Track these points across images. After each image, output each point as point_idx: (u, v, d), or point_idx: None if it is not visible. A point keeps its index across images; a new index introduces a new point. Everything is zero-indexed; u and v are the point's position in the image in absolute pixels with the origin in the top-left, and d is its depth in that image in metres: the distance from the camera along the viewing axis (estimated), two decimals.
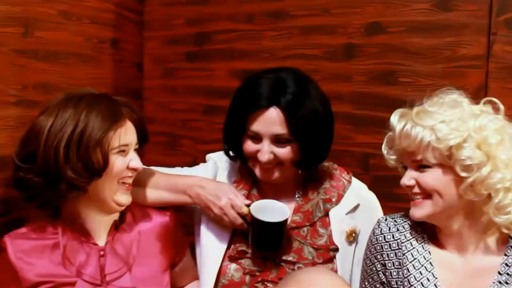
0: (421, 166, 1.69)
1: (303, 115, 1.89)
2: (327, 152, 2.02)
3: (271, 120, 1.87)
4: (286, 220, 1.91)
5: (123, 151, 1.83)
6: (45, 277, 1.82)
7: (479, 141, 1.62)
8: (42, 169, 1.78)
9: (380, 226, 1.85)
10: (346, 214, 2.04)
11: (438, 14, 2.42)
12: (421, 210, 1.71)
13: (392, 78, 2.51)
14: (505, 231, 1.68)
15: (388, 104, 2.18)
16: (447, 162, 1.64)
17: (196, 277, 2.13)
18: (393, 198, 2.21)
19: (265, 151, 1.87)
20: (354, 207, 2.04)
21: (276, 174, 1.94)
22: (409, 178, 1.73)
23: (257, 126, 1.89)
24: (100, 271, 1.86)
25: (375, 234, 1.85)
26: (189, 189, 2.02)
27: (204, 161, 2.23)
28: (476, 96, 1.99)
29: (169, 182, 2.06)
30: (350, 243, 1.99)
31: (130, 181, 1.88)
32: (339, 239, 1.99)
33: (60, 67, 2.60)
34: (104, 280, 1.85)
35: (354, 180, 2.14)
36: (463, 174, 1.61)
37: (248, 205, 1.92)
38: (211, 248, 2.05)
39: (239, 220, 1.93)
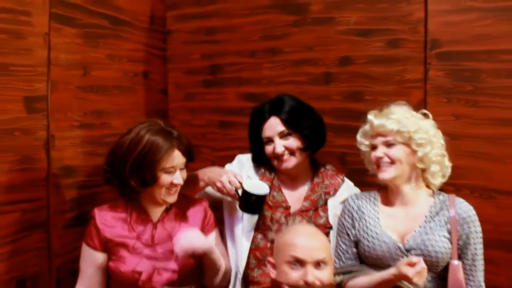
0: (389, 145, 2.33)
1: (294, 118, 2.52)
2: (323, 138, 2.62)
3: (274, 124, 2.51)
4: (266, 195, 2.45)
5: (170, 172, 2.32)
6: (116, 236, 2.36)
7: (425, 130, 2.32)
8: (117, 175, 2.35)
9: (348, 200, 2.51)
10: (340, 203, 2.57)
11: (390, 50, 2.94)
12: (389, 173, 2.33)
13: (360, 97, 3.01)
14: (434, 188, 2.38)
15: (358, 116, 2.56)
16: (407, 141, 2.31)
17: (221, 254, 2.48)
18: (364, 184, 2.71)
19: (278, 145, 2.48)
20: (345, 199, 2.56)
21: (291, 162, 2.51)
22: (381, 152, 2.34)
23: (267, 132, 2.52)
24: (151, 237, 2.37)
25: (345, 205, 2.50)
26: (204, 176, 2.59)
27: (221, 164, 2.76)
28: (418, 107, 2.61)
29: (197, 175, 2.61)
30: (338, 219, 2.52)
31: (174, 190, 2.36)
32: (333, 221, 2.54)
33: (108, 97, 3.07)
34: (153, 243, 2.36)
35: (346, 180, 2.68)
36: (416, 149, 2.30)
37: (241, 183, 2.45)
38: (245, 227, 2.56)
39: (233, 192, 2.45)
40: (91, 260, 2.38)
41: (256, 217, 2.54)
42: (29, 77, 2.54)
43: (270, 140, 2.52)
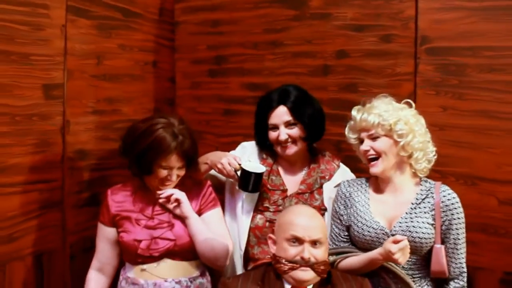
0: (373, 138, 2.44)
1: (301, 108, 2.64)
2: (322, 130, 2.74)
3: (282, 113, 2.64)
4: (262, 173, 2.60)
5: (168, 169, 2.47)
6: (123, 211, 2.54)
7: (405, 120, 2.42)
8: (126, 154, 2.53)
9: (340, 186, 2.63)
10: (334, 187, 2.69)
11: (383, 44, 3.05)
12: (378, 168, 2.44)
13: (354, 88, 3.12)
14: (420, 175, 2.50)
15: (352, 106, 2.60)
16: (389, 133, 2.41)
17: (215, 234, 2.55)
18: (358, 170, 2.81)
19: (282, 133, 2.62)
20: (338, 183, 2.68)
21: (293, 149, 2.66)
22: (366, 145, 2.45)
23: (274, 119, 2.65)
24: (152, 210, 2.54)
25: (337, 191, 2.62)
26: (207, 159, 2.74)
27: (224, 150, 2.88)
28: (408, 98, 2.65)
29: (201, 159, 2.74)
30: (332, 204, 2.63)
31: (167, 183, 2.51)
32: (328, 203, 2.68)
33: (120, 85, 3.21)
34: (153, 215, 2.53)
35: (342, 166, 2.81)
36: (398, 139, 2.41)
37: (240, 164, 2.60)
38: (245, 208, 2.70)
39: (232, 173, 2.61)
40: (103, 235, 2.56)
41: (255, 198, 2.69)
42: (47, 66, 2.70)
43: (276, 127, 2.66)
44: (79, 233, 2.94)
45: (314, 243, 2.20)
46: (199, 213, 2.60)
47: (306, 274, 2.18)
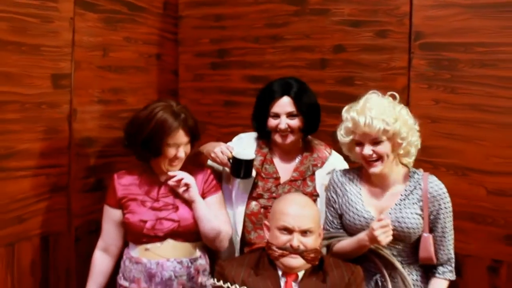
0: (376, 142, 2.44)
1: (303, 100, 2.74)
2: (318, 124, 2.83)
3: (285, 104, 2.74)
4: (252, 160, 2.71)
5: (175, 147, 2.59)
6: (129, 194, 2.66)
7: (404, 121, 2.46)
8: (132, 143, 2.64)
9: (333, 176, 2.71)
10: (326, 174, 2.79)
11: (378, 40, 3.13)
12: (378, 168, 2.47)
13: (350, 82, 3.20)
14: (406, 168, 2.57)
15: (348, 99, 2.63)
16: (391, 137, 2.43)
17: (224, 220, 2.71)
18: (351, 160, 2.74)
19: (283, 122, 2.71)
20: (331, 170, 2.78)
21: (290, 139, 2.75)
22: (369, 150, 2.45)
23: (276, 108, 2.74)
24: (157, 193, 2.66)
25: (331, 180, 2.71)
26: (203, 149, 2.89)
27: (225, 140, 2.95)
28: (402, 92, 2.87)
29: (200, 149, 2.90)
30: (326, 192, 2.74)
31: (176, 162, 2.64)
32: (320, 189, 2.77)
33: (124, 76, 3.29)
34: (158, 198, 2.65)
35: (333, 153, 2.90)
36: (401, 142, 2.45)
37: (231, 153, 2.72)
38: (241, 192, 2.82)
39: (225, 161, 2.73)
40: (109, 217, 2.68)
41: (249, 184, 2.80)
42: (56, 57, 2.79)
43: (277, 116, 2.75)
44: (84, 216, 3.03)
45: (304, 232, 2.29)
46: (202, 197, 2.70)
47: (296, 261, 2.27)
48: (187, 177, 2.62)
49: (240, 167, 2.70)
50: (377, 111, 2.43)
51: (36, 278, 2.78)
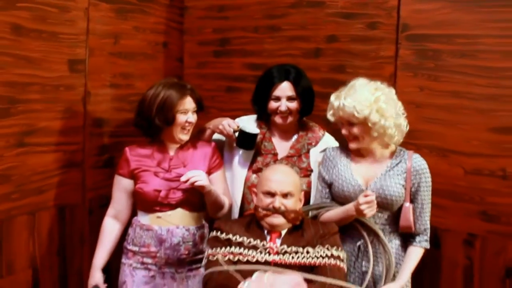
0: (350, 124, 2.66)
1: (301, 85, 2.96)
2: (312, 106, 3.05)
3: (286, 88, 2.95)
4: (256, 134, 2.94)
5: (184, 113, 2.79)
6: (141, 165, 2.82)
7: (376, 108, 2.60)
8: (145, 119, 2.80)
9: (326, 151, 2.92)
10: (320, 152, 3.00)
11: (368, 30, 3.28)
12: (354, 145, 2.71)
13: (342, 69, 3.35)
14: (394, 145, 2.76)
15: (340, 85, 2.75)
16: (364, 121, 2.62)
17: (223, 193, 2.89)
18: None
19: (283, 105, 2.94)
20: (324, 149, 2.97)
21: (289, 119, 2.98)
22: (345, 130, 2.71)
23: (278, 92, 2.95)
24: (168, 165, 2.83)
25: (324, 155, 2.92)
26: (209, 125, 3.10)
27: None
28: (389, 80, 3.03)
29: (204, 126, 3.11)
30: (318, 166, 2.93)
31: (187, 129, 2.83)
32: (313, 166, 2.99)
33: (134, 62, 3.46)
34: (170, 169, 2.81)
35: (327, 134, 3.12)
36: (371, 126, 2.60)
37: (238, 126, 2.93)
38: (241, 166, 3.04)
39: (231, 133, 2.93)
40: (121, 186, 2.86)
41: (250, 155, 3.03)
42: (72, 43, 2.99)
43: (278, 99, 2.97)
44: (96, 190, 3.24)
45: (285, 195, 2.56)
46: (208, 173, 2.89)
47: (277, 220, 2.54)
48: (197, 176, 2.71)
49: (245, 140, 2.95)
50: (352, 98, 2.64)
51: (54, 244, 3.00)
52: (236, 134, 2.96)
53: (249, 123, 3.08)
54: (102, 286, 2.86)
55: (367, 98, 2.64)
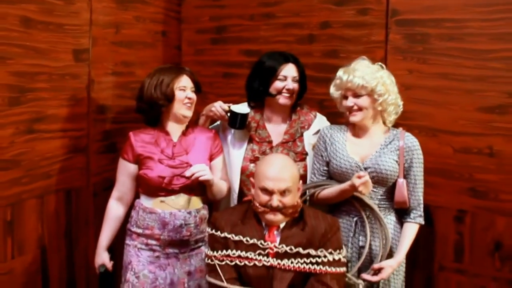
0: (357, 96, 2.79)
1: (301, 68, 3.10)
2: (305, 91, 3.16)
3: (292, 68, 3.07)
4: (247, 114, 3.02)
5: (183, 90, 2.85)
6: (146, 152, 2.87)
7: (382, 82, 2.77)
8: (147, 102, 2.86)
9: (323, 129, 3.02)
10: (313, 134, 3.11)
11: (360, 16, 3.35)
12: (358, 117, 2.81)
13: (335, 54, 3.43)
14: (389, 124, 2.89)
15: (334, 70, 2.91)
16: (370, 93, 2.76)
17: (223, 178, 3.01)
18: (337, 123, 3.05)
19: (289, 83, 3.05)
20: (317, 131, 3.07)
21: (290, 101, 3.06)
22: (351, 102, 2.79)
23: (285, 72, 3.06)
24: (172, 152, 2.88)
25: (320, 134, 3.01)
26: (203, 112, 3.18)
27: None
28: (380, 63, 3.00)
29: (201, 113, 3.20)
30: (315, 145, 3.02)
31: (189, 104, 2.88)
32: (308, 148, 3.10)
33: (134, 51, 3.54)
34: (173, 156, 2.87)
35: (318, 115, 3.21)
36: (377, 98, 2.76)
37: (229, 107, 3.01)
38: (236, 155, 3.13)
39: (223, 113, 3.02)
40: (125, 170, 2.92)
41: (243, 136, 3.13)
42: (77, 34, 3.08)
43: (284, 79, 3.05)
44: (100, 174, 3.34)
45: (283, 192, 2.49)
46: (210, 159, 3.00)
47: (276, 217, 2.52)
48: (201, 171, 2.83)
49: (236, 119, 3.03)
50: (360, 72, 2.77)
51: (61, 226, 3.11)
52: (228, 114, 3.04)
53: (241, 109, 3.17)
54: (109, 264, 2.98)
55: (373, 72, 2.79)
